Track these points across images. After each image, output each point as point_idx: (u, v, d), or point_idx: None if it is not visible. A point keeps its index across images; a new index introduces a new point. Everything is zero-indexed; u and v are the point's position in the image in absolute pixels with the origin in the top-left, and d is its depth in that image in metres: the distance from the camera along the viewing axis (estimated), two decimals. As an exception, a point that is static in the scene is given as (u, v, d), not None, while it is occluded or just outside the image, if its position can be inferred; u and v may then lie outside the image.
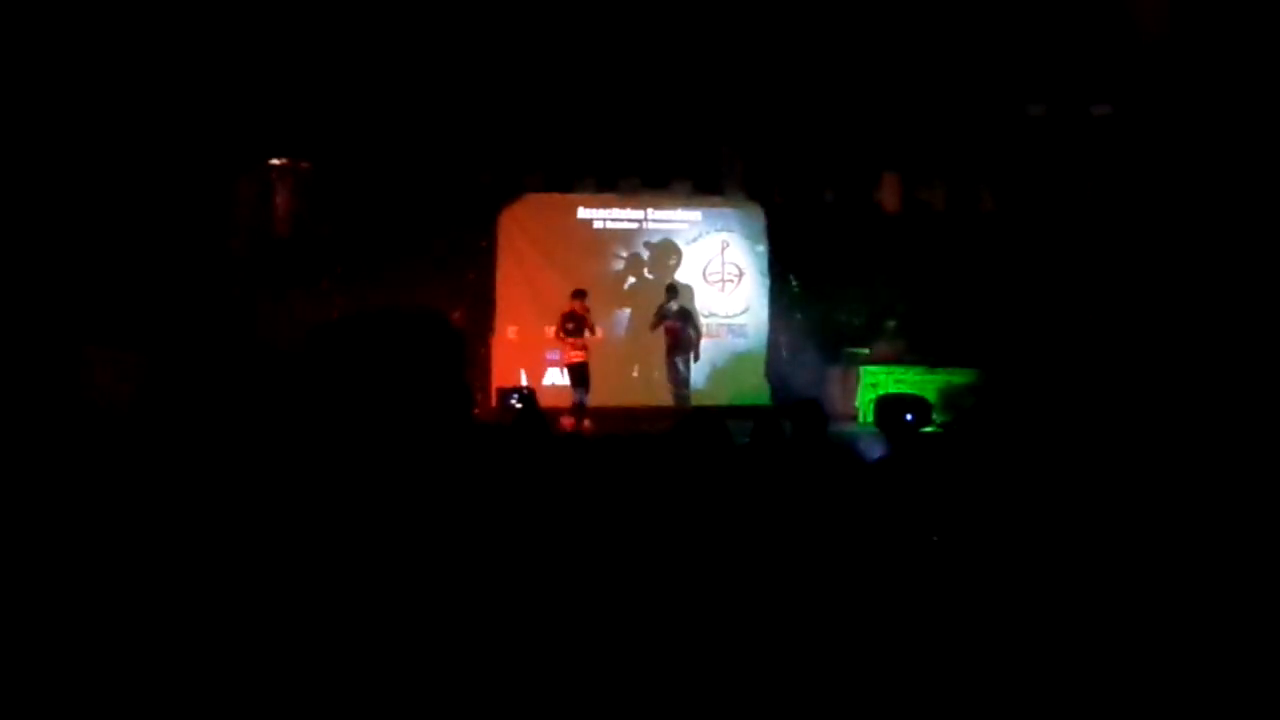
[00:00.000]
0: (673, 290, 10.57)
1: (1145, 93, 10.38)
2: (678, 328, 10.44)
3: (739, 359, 11.44)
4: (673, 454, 3.88)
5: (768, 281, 11.56)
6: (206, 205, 10.19)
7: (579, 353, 10.02)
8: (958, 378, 10.37)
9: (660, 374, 10.63)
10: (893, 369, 10.64)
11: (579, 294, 10.14)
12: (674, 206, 11.45)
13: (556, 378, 10.75)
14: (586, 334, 10.09)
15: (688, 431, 3.98)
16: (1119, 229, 10.68)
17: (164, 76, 9.42)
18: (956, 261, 10.94)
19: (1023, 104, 11.09)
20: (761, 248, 11.56)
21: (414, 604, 2.90)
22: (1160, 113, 10.38)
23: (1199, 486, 4.03)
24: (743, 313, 11.56)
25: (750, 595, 3.09)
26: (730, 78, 10.49)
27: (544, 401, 9.01)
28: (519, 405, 8.86)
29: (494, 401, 10.50)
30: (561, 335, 10.12)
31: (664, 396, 10.49)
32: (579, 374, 10.01)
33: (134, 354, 8.12)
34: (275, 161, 10.61)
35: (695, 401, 10.44)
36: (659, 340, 10.57)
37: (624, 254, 11.27)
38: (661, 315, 10.48)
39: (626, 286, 11.20)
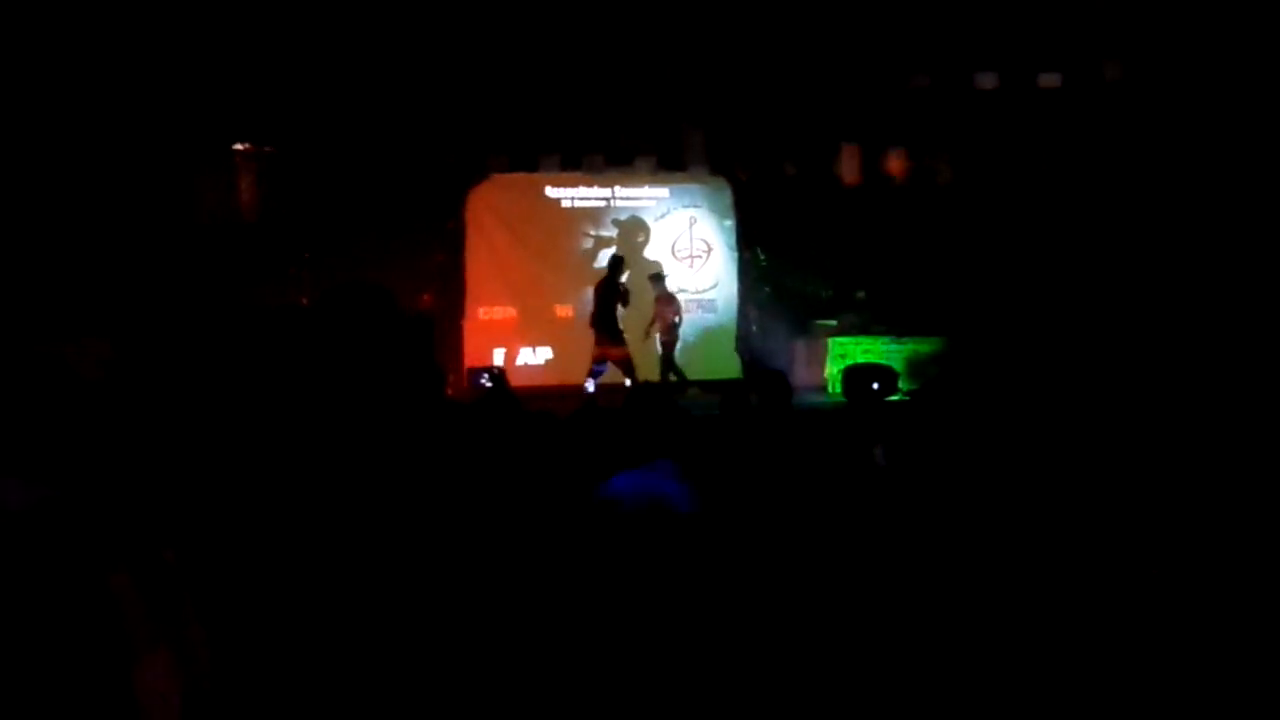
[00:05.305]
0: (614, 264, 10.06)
1: (1095, 61, 10.54)
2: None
3: (710, 333, 11.54)
4: (628, 427, 3.93)
5: (736, 255, 11.66)
6: (170, 193, 10.12)
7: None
8: (923, 347, 10.51)
9: (637, 350, 10.46)
10: (860, 339, 10.76)
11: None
12: (640, 184, 11.49)
13: (529, 358, 10.80)
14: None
15: (637, 405, 4.02)
16: (1073, 198, 10.87)
17: (125, 64, 9.34)
18: (918, 232, 11.08)
19: (971, 75, 11.21)
20: (729, 222, 11.64)
21: (391, 576, 2.97)
22: (1112, 81, 10.55)
23: (1160, 446, 4.14)
24: (712, 288, 11.65)
25: (726, 563, 3.18)
26: (687, 53, 10.53)
27: (518, 381, 9.06)
28: (488, 385, 8.91)
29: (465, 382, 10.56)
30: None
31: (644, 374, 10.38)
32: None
33: (106, 343, 8.07)
34: (239, 147, 10.55)
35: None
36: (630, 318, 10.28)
37: (593, 232, 11.31)
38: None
39: (596, 265, 11.24)
